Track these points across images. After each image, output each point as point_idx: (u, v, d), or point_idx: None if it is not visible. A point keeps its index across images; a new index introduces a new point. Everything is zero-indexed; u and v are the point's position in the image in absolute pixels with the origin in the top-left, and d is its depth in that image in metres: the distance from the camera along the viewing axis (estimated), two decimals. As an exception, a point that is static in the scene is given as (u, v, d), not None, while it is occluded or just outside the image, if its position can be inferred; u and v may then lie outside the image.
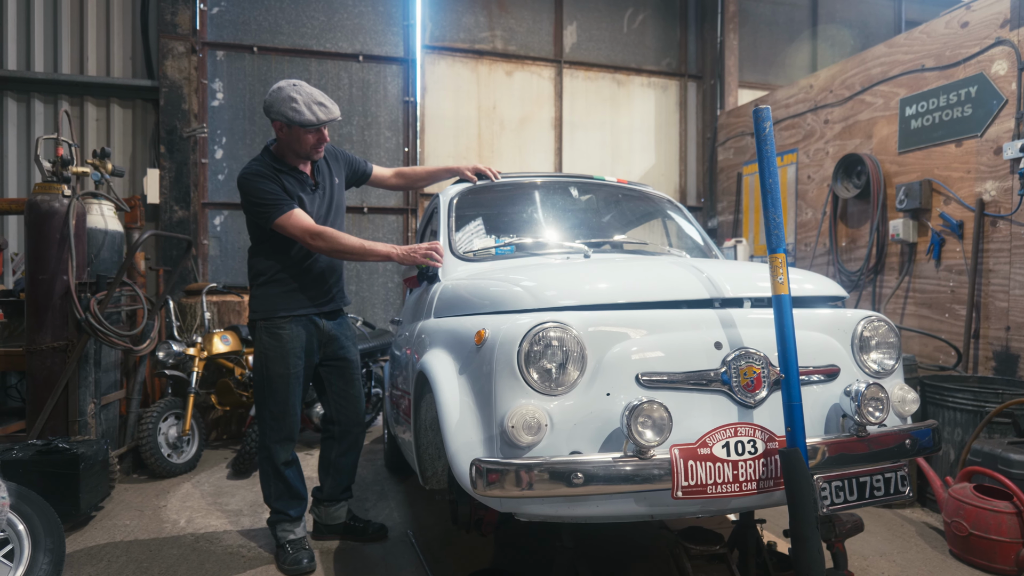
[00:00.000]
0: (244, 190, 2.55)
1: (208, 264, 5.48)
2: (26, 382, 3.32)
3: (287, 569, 2.54)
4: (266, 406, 2.60)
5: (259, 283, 2.63)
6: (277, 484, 2.65)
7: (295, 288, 2.62)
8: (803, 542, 1.62)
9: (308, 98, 2.47)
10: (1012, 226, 3.53)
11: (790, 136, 5.30)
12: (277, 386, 2.58)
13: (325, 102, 2.51)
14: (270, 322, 2.59)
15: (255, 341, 2.64)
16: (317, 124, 2.48)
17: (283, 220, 2.48)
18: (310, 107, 2.46)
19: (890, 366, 1.95)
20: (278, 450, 2.62)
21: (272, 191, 2.51)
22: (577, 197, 3.01)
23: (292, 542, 2.62)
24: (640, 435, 1.56)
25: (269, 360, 2.58)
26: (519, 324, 1.67)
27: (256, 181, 2.52)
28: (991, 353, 3.64)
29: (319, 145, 2.57)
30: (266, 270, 2.61)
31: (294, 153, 2.59)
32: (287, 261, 2.61)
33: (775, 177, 1.80)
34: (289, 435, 2.64)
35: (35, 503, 2.30)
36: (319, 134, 2.54)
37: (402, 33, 5.91)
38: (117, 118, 5.29)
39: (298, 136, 2.52)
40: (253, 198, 2.52)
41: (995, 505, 2.57)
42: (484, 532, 2.10)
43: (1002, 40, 3.60)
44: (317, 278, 2.67)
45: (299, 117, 2.45)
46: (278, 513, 2.66)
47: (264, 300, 2.61)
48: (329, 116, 2.51)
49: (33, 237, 3.26)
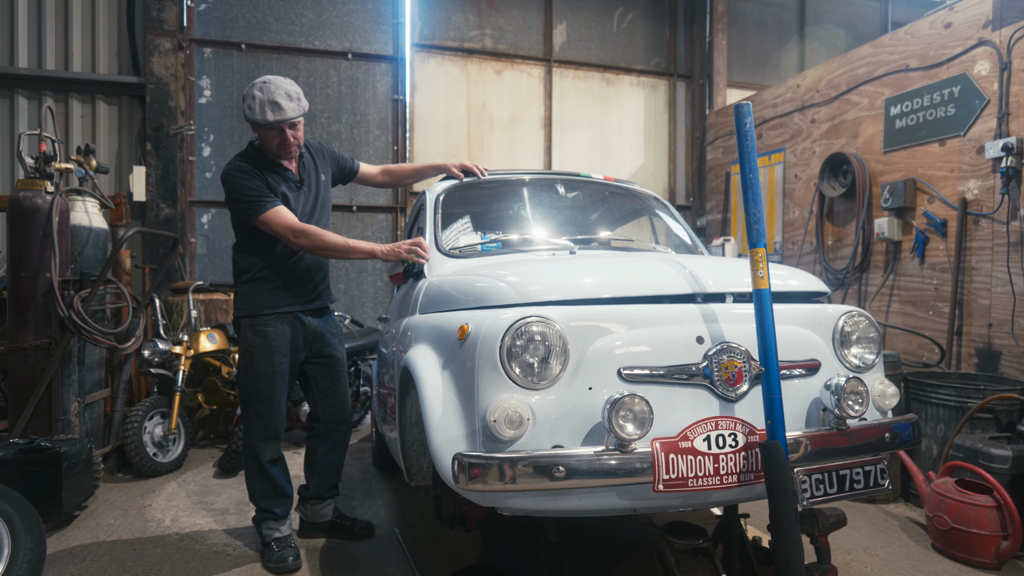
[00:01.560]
0: (228, 186, 2.53)
1: (196, 262, 5.45)
2: (8, 381, 3.28)
3: (272, 567, 2.53)
4: (251, 404, 2.59)
5: (244, 280, 2.61)
6: (262, 482, 2.63)
7: (280, 285, 2.61)
8: (783, 534, 1.64)
9: (266, 97, 2.42)
10: (994, 224, 3.58)
11: (777, 135, 5.33)
12: (262, 384, 2.57)
13: (280, 101, 2.42)
14: (255, 319, 2.58)
15: (240, 339, 2.63)
16: (265, 124, 2.43)
17: (266, 217, 2.47)
18: (263, 107, 2.41)
19: (871, 361, 1.97)
20: (263, 448, 2.61)
21: (255, 187, 2.49)
22: (564, 194, 3.01)
23: (277, 540, 2.61)
24: (621, 429, 1.56)
25: (254, 357, 2.57)
26: (501, 319, 1.67)
27: (239, 177, 2.50)
28: (974, 350, 3.68)
29: (284, 145, 2.51)
30: (251, 267, 2.60)
31: (270, 152, 2.57)
32: (272, 258, 2.60)
33: (755, 172, 1.81)
34: (274, 433, 2.63)
35: (15, 502, 2.27)
36: (281, 134, 2.48)
37: (391, 31, 5.90)
38: (103, 115, 5.25)
39: (263, 135, 2.51)
40: (236, 194, 2.50)
41: (976, 499, 2.60)
42: (469, 527, 2.10)
43: (984, 41, 3.64)
44: (303, 275, 2.65)
45: (251, 116, 2.44)
46: (263, 511, 2.65)
47: (249, 297, 2.60)
48: (279, 116, 2.42)
49: (15, 234, 3.23)
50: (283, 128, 2.47)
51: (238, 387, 2.70)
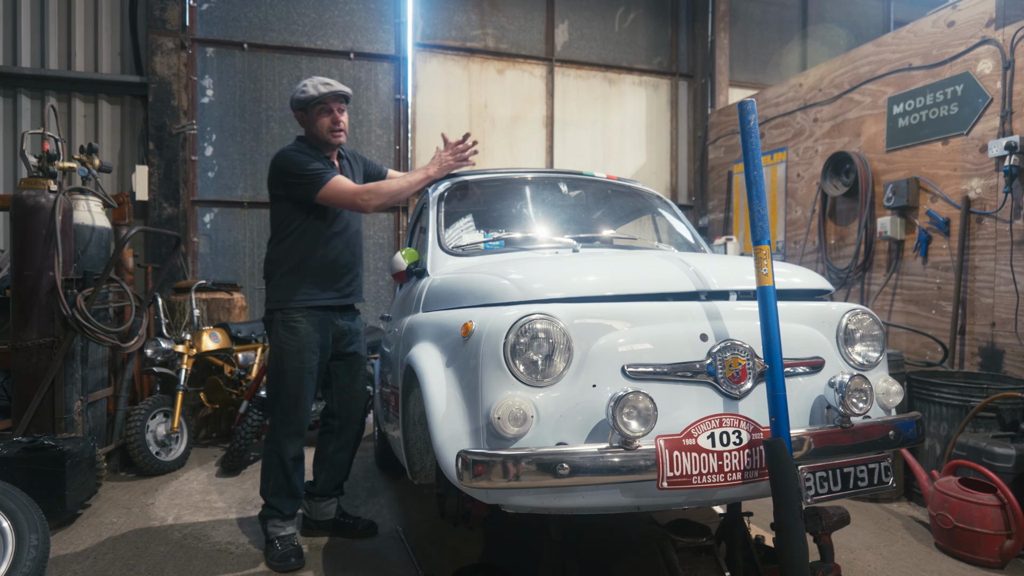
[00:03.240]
0: (283, 168, 2.60)
1: (198, 261, 5.46)
2: (11, 379, 3.29)
3: (275, 565, 2.53)
4: (278, 400, 2.63)
5: (281, 272, 2.65)
6: (279, 478, 2.65)
7: (317, 279, 2.65)
8: (787, 532, 1.63)
9: (316, 80, 2.64)
10: (997, 223, 3.57)
11: (780, 135, 5.33)
12: (290, 380, 2.60)
13: (329, 80, 2.65)
14: (287, 315, 2.61)
15: (271, 335, 2.66)
16: (320, 97, 2.59)
17: (330, 185, 2.55)
18: (315, 86, 2.61)
19: (874, 358, 1.96)
20: (287, 444, 2.63)
21: (315, 165, 2.59)
22: (566, 193, 3.01)
23: (282, 538, 2.62)
24: (625, 426, 1.56)
25: (284, 354, 2.60)
26: (505, 316, 1.67)
27: (297, 156, 2.60)
28: (977, 349, 3.67)
29: (335, 128, 2.65)
30: (287, 260, 2.65)
31: (318, 140, 2.67)
32: (310, 252, 2.64)
33: (759, 170, 1.81)
34: (299, 430, 2.66)
35: (19, 500, 2.28)
36: (332, 115, 2.63)
37: (393, 31, 5.90)
38: (105, 114, 5.25)
39: (313, 119, 2.64)
40: (295, 171, 2.57)
41: (979, 498, 2.60)
42: (472, 525, 2.10)
43: (987, 39, 3.64)
44: (339, 270, 2.71)
45: (305, 95, 2.61)
46: (271, 508, 2.66)
47: (284, 289, 2.64)
48: (331, 89, 2.61)
49: (18, 233, 3.23)
50: (334, 107, 2.63)
51: (267, 382, 2.73)
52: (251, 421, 3.85)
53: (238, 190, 5.56)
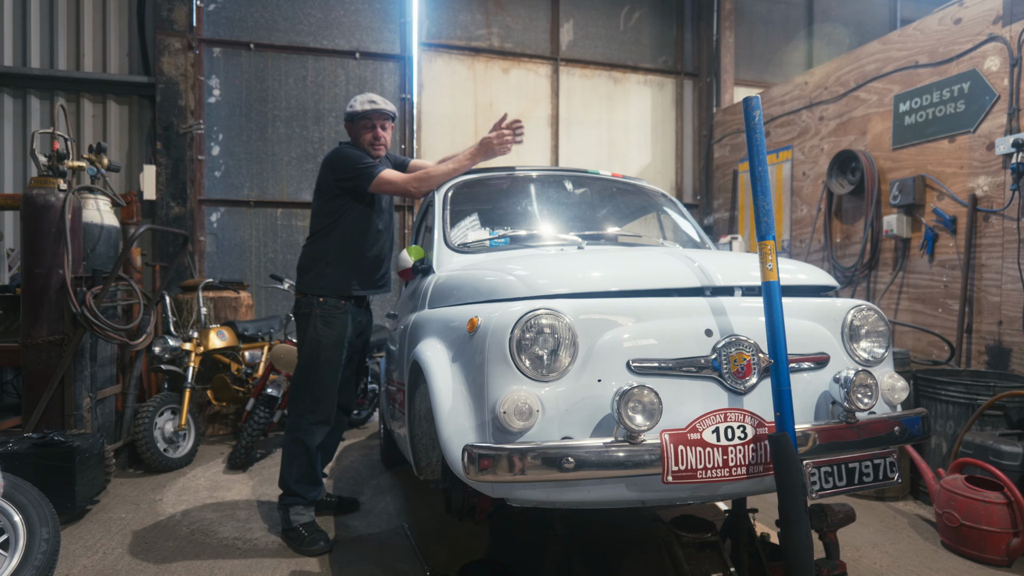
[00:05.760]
0: (337, 164, 2.78)
1: (205, 260, 5.49)
2: (22, 376, 3.32)
3: (306, 551, 2.63)
4: (309, 389, 2.74)
5: (327, 262, 2.79)
6: (303, 465, 2.74)
7: (361, 270, 2.83)
8: (792, 526, 1.63)
9: (364, 97, 2.87)
10: (1004, 221, 3.56)
11: (785, 133, 5.32)
12: (324, 371, 2.75)
13: (375, 98, 2.86)
14: (326, 309, 2.75)
15: (308, 328, 2.77)
16: (363, 113, 2.81)
17: (382, 176, 2.73)
18: (362, 103, 2.84)
19: (880, 355, 1.96)
20: (315, 431, 2.75)
21: (367, 160, 2.79)
22: (572, 191, 3.02)
23: (306, 525, 2.72)
24: (630, 420, 1.57)
25: (321, 347, 2.74)
26: (511, 311, 1.68)
27: (351, 152, 2.81)
28: (983, 347, 3.66)
29: (376, 142, 2.85)
30: (326, 254, 2.79)
31: (360, 150, 2.87)
32: (349, 245, 2.81)
33: (764, 165, 1.81)
34: (326, 418, 2.78)
35: (30, 494, 2.30)
36: (374, 131, 2.84)
37: (399, 30, 5.92)
38: (113, 114, 5.30)
39: (359, 132, 2.86)
40: (350, 166, 2.75)
41: (986, 496, 2.59)
42: (477, 520, 2.11)
43: (994, 36, 3.62)
44: (374, 263, 2.89)
45: (352, 110, 2.85)
46: (294, 496, 2.73)
47: (330, 278, 2.77)
48: (374, 107, 2.82)
49: (29, 231, 3.27)
50: (377, 124, 2.83)
51: (297, 372, 2.81)
52: (258, 418, 3.88)
53: (244, 189, 5.59)
